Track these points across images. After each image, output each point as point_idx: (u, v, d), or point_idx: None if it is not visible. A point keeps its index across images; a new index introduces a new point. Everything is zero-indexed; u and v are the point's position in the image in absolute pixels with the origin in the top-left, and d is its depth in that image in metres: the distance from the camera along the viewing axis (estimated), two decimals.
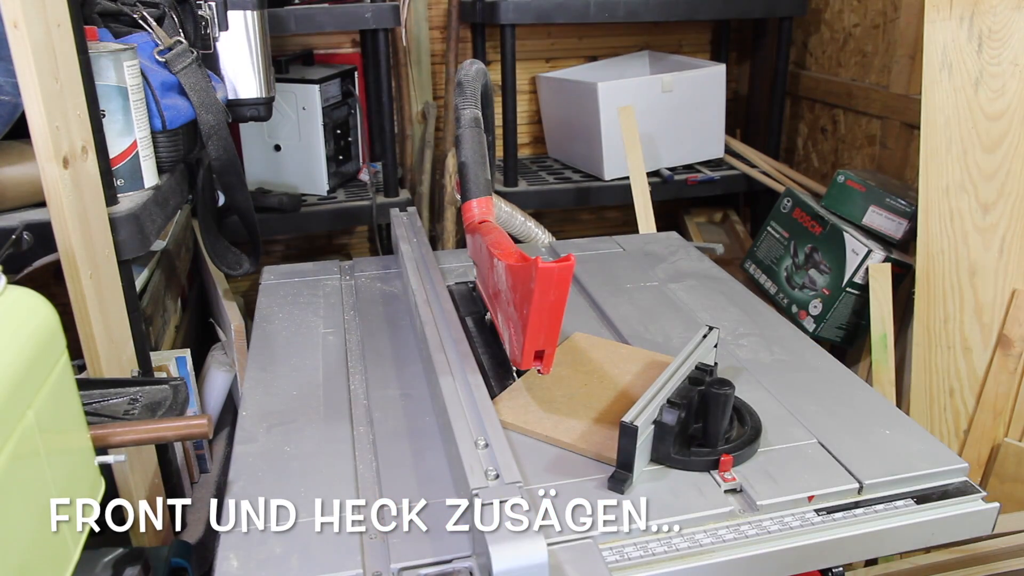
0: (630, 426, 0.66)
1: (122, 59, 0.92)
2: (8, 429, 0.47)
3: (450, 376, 0.75)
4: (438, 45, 2.08)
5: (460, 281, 1.08)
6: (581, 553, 0.61)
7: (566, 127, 2.10)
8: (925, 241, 1.36)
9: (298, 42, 1.97)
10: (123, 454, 0.72)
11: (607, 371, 0.86)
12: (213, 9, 1.17)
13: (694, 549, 0.63)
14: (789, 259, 1.76)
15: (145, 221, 0.93)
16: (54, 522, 0.53)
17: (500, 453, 0.63)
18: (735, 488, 0.69)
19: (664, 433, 0.70)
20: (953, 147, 1.35)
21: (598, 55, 2.22)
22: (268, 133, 1.78)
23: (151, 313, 1.18)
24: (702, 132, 2.07)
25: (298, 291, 1.09)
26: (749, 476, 0.69)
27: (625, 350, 0.92)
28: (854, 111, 1.98)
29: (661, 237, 1.34)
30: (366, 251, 2.22)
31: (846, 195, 1.67)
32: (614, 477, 0.68)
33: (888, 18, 1.84)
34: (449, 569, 0.60)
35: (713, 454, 0.70)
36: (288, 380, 0.87)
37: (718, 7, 1.93)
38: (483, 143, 0.95)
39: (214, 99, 1.08)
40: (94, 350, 0.85)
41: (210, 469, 1.24)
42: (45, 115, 0.75)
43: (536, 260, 0.69)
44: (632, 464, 0.68)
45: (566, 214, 2.38)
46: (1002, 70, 1.32)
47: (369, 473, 0.71)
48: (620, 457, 0.68)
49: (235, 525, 0.64)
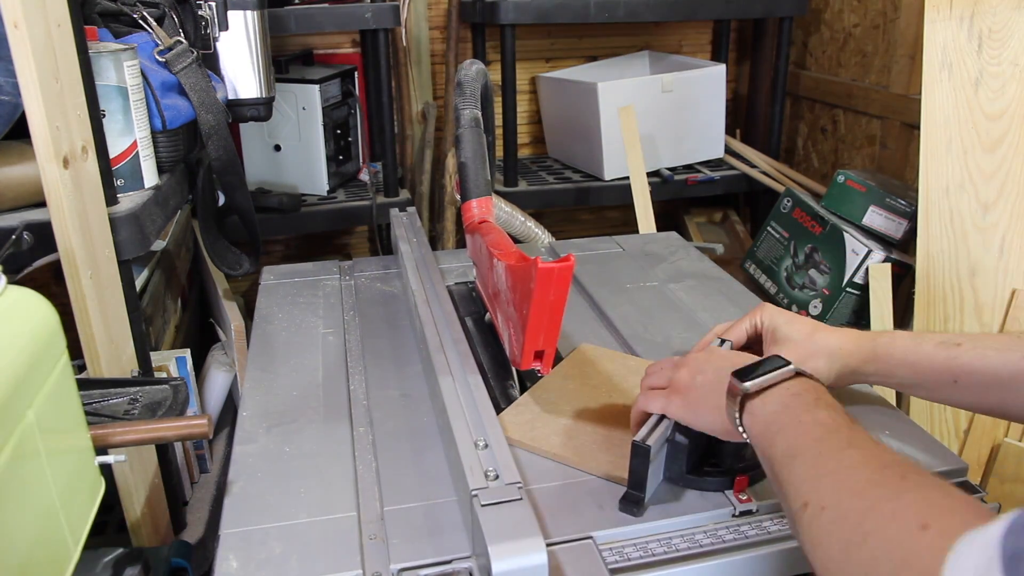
0: (642, 446, 0.63)
1: (122, 59, 0.92)
2: (8, 429, 0.47)
3: (450, 376, 0.75)
4: (438, 45, 2.08)
5: (460, 281, 1.08)
6: (581, 553, 0.61)
7: (566, 127, 2.10)
8: (925, 241, 1.36)
9: (298, 42, 1.97)
10: (123, 454, 0.72)
11: (616, 384, 0.83)
12: (213, 9, 1.17)
13: (694, 549, 0.62)
14: (789, 259, 1.76)
15: (145, 221, 0.93)
16: (54, 522, 0.53)
17: (500, 453, 0.63)
18: (751, 510, 0.65)
19: (677, 452, 0.66)
20: (953, 147, 1.35)
21: (598, 55, 2.22)
22: (268, 133, 1.78)
23: (151, 313, 1.18)
24: (702, 132, 2.07)
25: (298, 291, 1.09)
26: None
27: (634, 362, 0.89)
28: (854, 111, 1.98)
29: (661, 237, 1.34)
30: (366, 251, 2.22)
31: (846, 195, 1.67)
32: (626, 499, 0.65)
33: (888, 18, 1.84)
34: (449, 569, 0.60)
35: (728, 474, 0.67)
36: (288, 380, 0.87)
37: (718, 7, 1.93)
38: (483, 143, 0.95)
39: (214, 99, 1.08)
40: (94, 350, 0.85)
41: (210, 469, 1.25)
42: (45, 115, 0.75)
43: (536, 260, 0.69)
44: (645, 485, 0.64)
45: (566, 214, 2.38)
46: (1002, 70, 1.32)
47: (369, 473, 0.71)
48: (632, 479, 0.65)
49: (235, 525, 0.64)
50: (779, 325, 0.67)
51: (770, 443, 0.53)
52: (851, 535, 0.43)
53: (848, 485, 0.46)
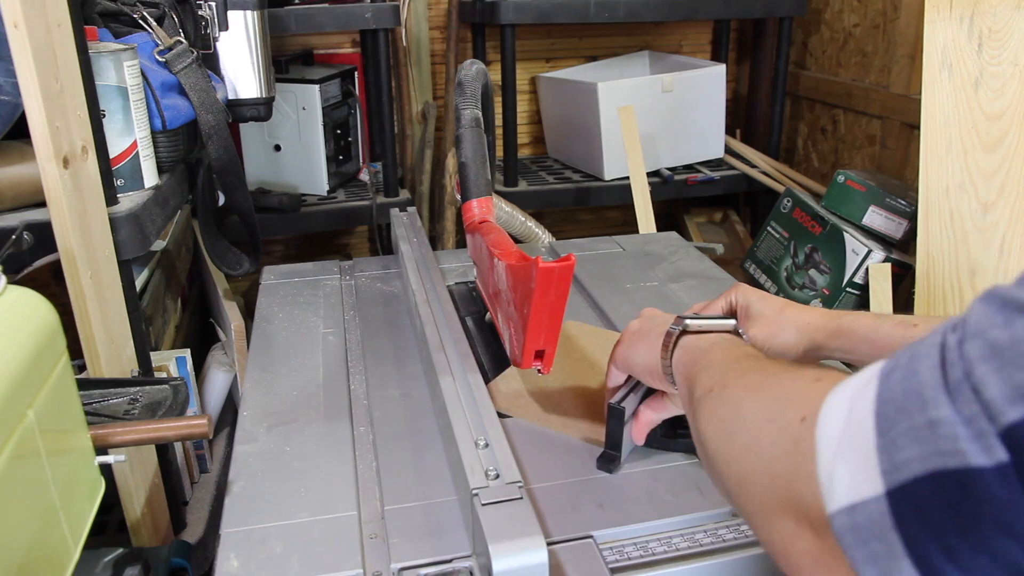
0: (617, 408, 0.68)
1: (122, 59, 0.92)
2: (8, 429, 0.47)
3: (450, 376, 0.75)
4: (438, 45, 2.08)
5: (460, 281, 1.08)
6: (581, 552, 0.61)
7: (566, 127, 2.10)
8: (925, 241, 1.36)
9: (298, 42, 1.97)
10: (123, 454, 0.72)
11: (598, 358, 0.89)
12: (213, 9, 1.17)
13: (694, 549, 0.63)
14: (789, 259, 1.76)
15: (145, 221, 0.93)
16: (54, 522, 0.53)
17: (500, 453, 0.63)
18: None
19: None
20: (953, 147, 1.34)
21: (598, 55, 2.22)
22: (268, 133, 1.78)
23: (151, 313, 1.18)
24: (702, 132, 2.07)
25: (298, 291, 1.09)
26: None
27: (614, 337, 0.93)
28: (854, 111, 1.98)
29: (661, 237, 1.34)
30: (366, 251, 2.22)
31: (846, 195, 1.67)
32: (603, 457, 0.71)
33: (888, 18, 1.84)
34: (449, 569, 0.60)
35: None
36: (288, 380, 0.87)
37: (718, 7, 1.93)
38: (483, 143, 0.95)
39: (214, 99, 1.08)
40: (94, 350, 0.85)
41: (210, 469, 1.24)
42: (45, 115, 0.75)
43: (536, 260, 0.69)
44: (620, 445, 0.70)
45: (566, 214, 2.38)
46: (1002, 70, 1.32)
47: (369, 473, 0.71)
48: (608, 439, 0.71)
49: (236, 525, 0.64)
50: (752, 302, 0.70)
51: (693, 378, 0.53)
52: (736, 402, 0.44)
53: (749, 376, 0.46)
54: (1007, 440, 0.26)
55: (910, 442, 0.28)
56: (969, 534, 0.27)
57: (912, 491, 0.28)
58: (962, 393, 0.27)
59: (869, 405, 0.31)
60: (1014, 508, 0.25)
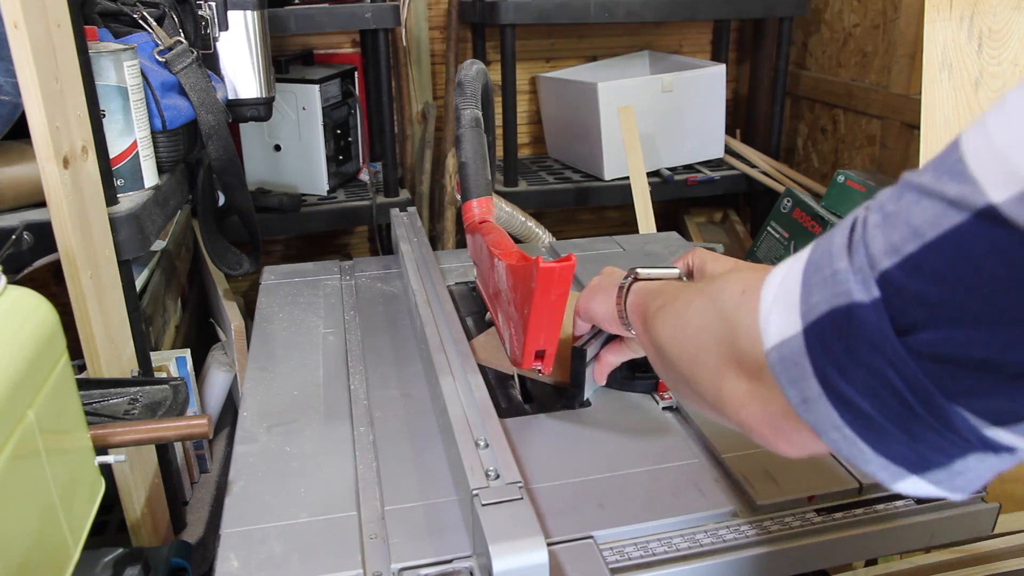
0: (580, 349, 0.76)
1: (122, 59, 0.92)
2: (8, 429, 0.47)
3: (450, 376, 0.75)
4: (438, 45, 2.08)
5: (460, 281, 1.08)
6: (581, 552, 0.61)
7: (566, 127, 2.10)
8: None
9: (298, 42, 1.97)
10: (123, 454, 0.72)
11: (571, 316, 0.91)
12: (213, 9, 1.17)
13: (694, 549, 0.63)
14: None
15: (145, 221, 0.93)
16: (54, 522, 0.53)
17: (500, 453, 0.63)
18: (671, 406, 0.80)
19: None
20: None
21: (598, 55, 2.23)
22: (268, 133, 1.78)
23: (151, 313, 1.18)
24: (702, 132, 2.07)
25: (298, 291, 1.09)
26: (749, 476, 0.69)
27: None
28: (854, 111, 1.98)
29: (661, 237, 1.34)
30: (366, 251, 2.22)
31: (846, 195, 1.67)
32: (566, 394, 0.81)
33: (888, 18, 1.84)
34: (449, 569, 0.60)
35: (653, 378, 0.82)
36: (288, 380, 0.87)
37: (718, 7, 1.93)
38: (483, 143, 0.95)
39: (214, 99, 1.08)
40: (94, 350, 0.85)
41: (210, 469, 1.24)
42: (45, 115, 0.75)
43: (537, 260, 0.69)
44: (582, 384, 0.79)
45: (566, 214, 2.38)
46: (1002, 70, 1.32)
47: (369, 473, 0.71)
48: (572, 379, 0.79)
49: (236, 525, 0.64)
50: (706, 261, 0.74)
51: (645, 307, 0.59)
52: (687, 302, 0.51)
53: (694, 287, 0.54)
54: (880, 282, 0.33)
55: (819, 289, 0.36)
56: (852, 353, 0.34)
57: (818, 325, 0.36)
58: (857, 250, 0.35)
59: (800, 266, 0.38)
60: (882, 332, 0.33)
